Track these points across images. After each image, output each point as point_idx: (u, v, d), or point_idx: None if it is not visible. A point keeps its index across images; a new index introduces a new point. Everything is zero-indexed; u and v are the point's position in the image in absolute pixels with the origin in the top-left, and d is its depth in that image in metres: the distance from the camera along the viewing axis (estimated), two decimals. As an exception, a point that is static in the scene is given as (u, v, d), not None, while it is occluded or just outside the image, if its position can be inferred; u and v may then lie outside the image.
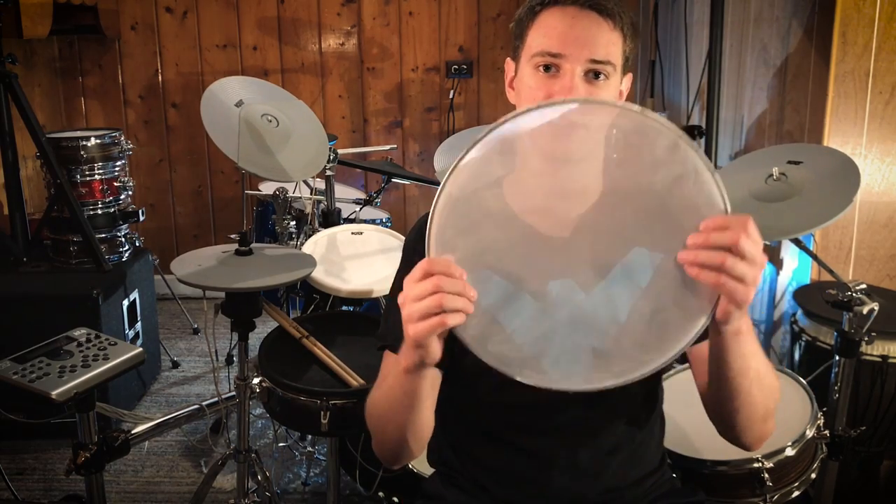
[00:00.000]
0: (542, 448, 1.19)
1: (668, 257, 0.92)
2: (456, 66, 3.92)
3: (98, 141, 2.82)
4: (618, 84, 1.11)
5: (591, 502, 1.20)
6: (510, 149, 0.96)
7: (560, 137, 0.96)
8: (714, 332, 0.96)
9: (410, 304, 0.92)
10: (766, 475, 1.50)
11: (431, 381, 1.06)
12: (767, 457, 1.51)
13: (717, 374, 1.02)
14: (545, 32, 1.08)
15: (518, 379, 0.96)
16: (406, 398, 1.06)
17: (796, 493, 1.57)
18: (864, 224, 2.21)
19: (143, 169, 4.02)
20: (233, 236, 1.97)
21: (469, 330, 0.95)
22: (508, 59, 1.17)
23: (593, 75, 1.07)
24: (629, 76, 1.16)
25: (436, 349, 0.96)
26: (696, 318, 0.92)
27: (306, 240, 2.38)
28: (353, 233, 2.35)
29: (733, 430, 1.11)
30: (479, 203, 0.96)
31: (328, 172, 2.45)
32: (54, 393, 1.37)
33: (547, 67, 1.07)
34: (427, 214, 1.30)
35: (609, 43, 1.07)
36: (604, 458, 1.20)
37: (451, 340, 1.22)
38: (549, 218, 0.98)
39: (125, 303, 2.80)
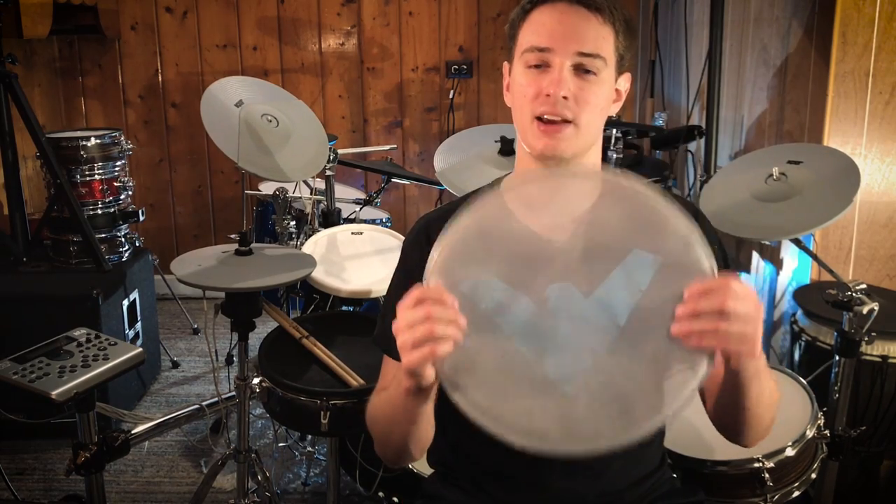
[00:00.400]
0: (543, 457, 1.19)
1: (662, 310, 0.91)
2: (456, 66, 3.92)
3: (98, 141, 2.82)
4: (611, 80, 1.11)
5: (590, 503, 1.20)
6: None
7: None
8: (731, 374, 0.99)
9: (404, 333, 0.92)
10: (767, 475, 1.50)
11: (431, 395, 1.06)
12: (768, 457, 1.51)
13: (732, 402, 1.05)
14: (535, 29, 1.09)
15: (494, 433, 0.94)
16: (407, 414, 1.07)
17: (796, 493, 1.57)
18: (864, 224, 2.21)
19: (143, 169, 4.02)
20: (233, 236, 1.97)
21: (446, 366, 0.93)
22: (505, 62, 1.18)
23: (583, 70, 1.08)
24: (627, 76, 1.16)
25: (430, 374, 0.96)
26: (688, 383, 0.92)
27: (306, 240, 2.38)
28: (353, 233, 2.35)
29: (737, 437, 1.16)
30: (491, 231, 0.97)
31: (328, 172, 2.45)
32: (54, 393, 1.37)
33: (538, 65, 1.09)
34: (427, 216, 1.31)
35: (598, 37, 1.07)
36: (603, 458, 1.20)
37: None
38: (547, 221, 0.99)
39: (125, 303, 2.80)
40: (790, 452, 1.54)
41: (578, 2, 1.07)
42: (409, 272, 1.24)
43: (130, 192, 2.99)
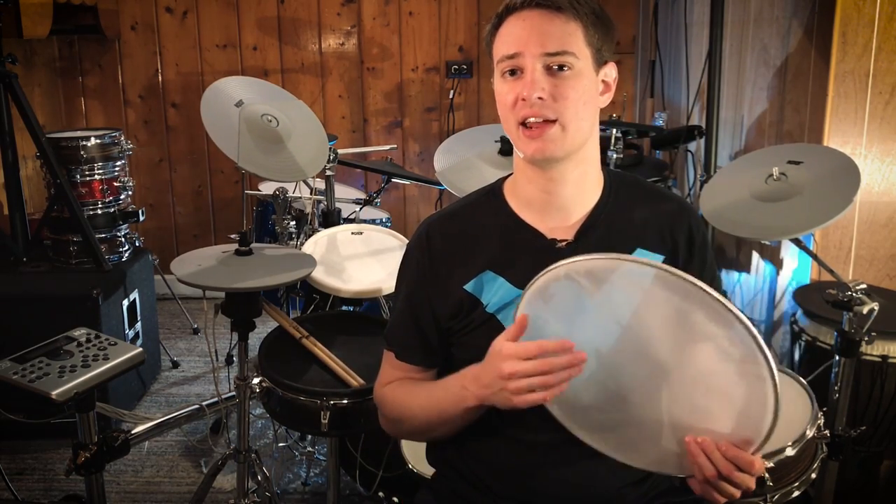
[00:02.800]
0: (543, 447, 1.19)
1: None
2: (456, 66, 3.92)
3: (98, 141, 2.82)
4: (589, 73, 1.13)
5: (590, 502, 1.20)
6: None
7: None
8: None
9: (519, 380, 1.00)
10: (767, 475, 1.50)
11: None
12: (767, 457, 1.51)
13: None
14: (504, 40, 1.14)
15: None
16: (457, 424, 1.18)
17: (796, 493, 1.57)
18: (864, 224, 2.21)
19: (143, 169, 4.02)
20: (233, 236, 1.97)
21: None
22: (492, 78, 1.20)
23: (557, 68, 1.10)
24: (612, 65, 1.18)
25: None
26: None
27: (306, 240, 2.38)
28: (353, 233, 2.35)
29: None
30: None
31: (328, 172, 2.45)
32: (54, 393, 1.37)
33: (513, 72, 1.13)
34: (429, 219, 1.31)
35: (564, 34, 1.10)
36: (603, 457, 1.20)
37: (447, 335, 1.23)
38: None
39: (125, 303, 2.80)
40: (790, 452, 1.54)
41: (538, 5, 1.10)
42: (412, 275, 1.26)
43: (130, 192, 2.99)
